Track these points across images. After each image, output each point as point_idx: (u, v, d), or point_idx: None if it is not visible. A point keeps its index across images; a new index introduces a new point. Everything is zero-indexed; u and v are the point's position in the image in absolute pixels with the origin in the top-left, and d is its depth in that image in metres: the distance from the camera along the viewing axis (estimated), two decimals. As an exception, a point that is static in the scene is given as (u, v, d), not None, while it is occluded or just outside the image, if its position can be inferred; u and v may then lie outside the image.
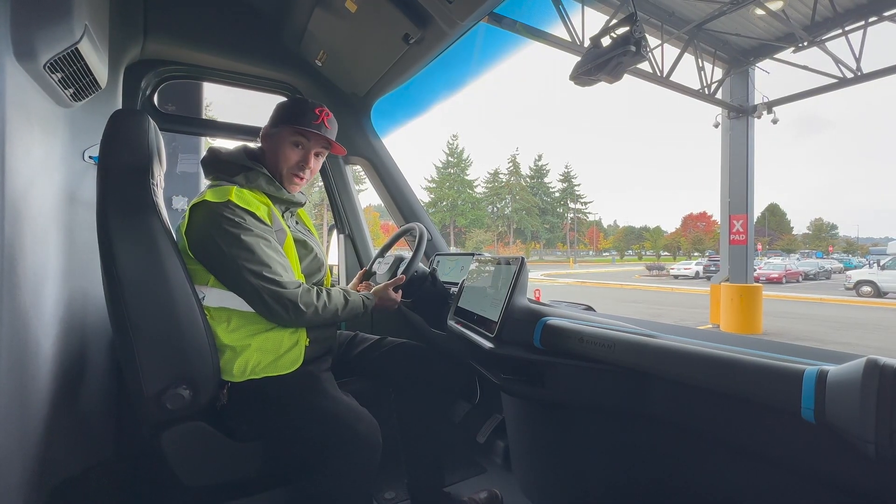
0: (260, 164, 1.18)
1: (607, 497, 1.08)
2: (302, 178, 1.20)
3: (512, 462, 1.47)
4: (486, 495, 1.40)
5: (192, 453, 1.03)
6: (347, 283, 2.06)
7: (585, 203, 57.70)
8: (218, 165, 1.16)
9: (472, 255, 1.51)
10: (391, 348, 1.38)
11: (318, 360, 1.19)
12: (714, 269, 21.45)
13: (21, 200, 0.93)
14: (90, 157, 1.32)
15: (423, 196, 48.04)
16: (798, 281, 23.78)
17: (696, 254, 49.17)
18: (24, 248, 0.94)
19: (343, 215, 1.98)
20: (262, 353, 1.09)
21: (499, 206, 53.54)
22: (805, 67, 7.12)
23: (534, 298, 1.25)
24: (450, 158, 49.06)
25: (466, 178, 49.72)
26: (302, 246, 1.21)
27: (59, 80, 1.04)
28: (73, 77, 1.08)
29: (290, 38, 1.66)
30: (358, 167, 2.07)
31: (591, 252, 65.20)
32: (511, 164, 53.72)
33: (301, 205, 1.27)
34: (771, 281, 21.54)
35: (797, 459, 0.64)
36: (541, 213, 54.23)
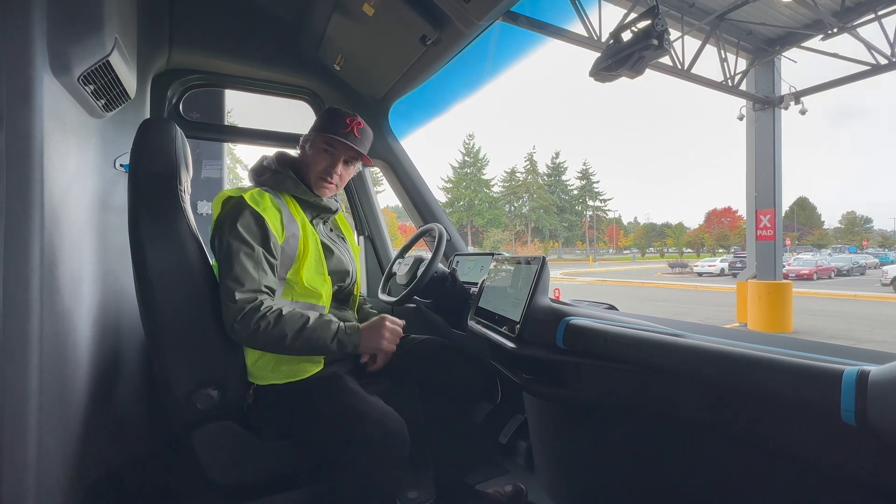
0: (289, 168, 1.23)
1: (633, 500, 1.06)
2: (330, 183, 1.23)
3: (535, 463, 1.46)
4: (511, 489, 1.40)
5: (221, 452, 1.05)
6: (367, 285, 2.08)
7: (605, 200, 56.85)
8: (257, 170, 1.25)
9: (492, 254, 1.50)
10: (414, 345, 1.39)
11: (340, 362, 1.21)
12: (740, 265, 20.82)
13: (58, 208, 0.97)
14: (121, 165, 1.37)
15: (439, 196, 48.11)
16: (830, 277, 22.88)
17: (720, 250, 47.84)
18: (62, 254, 0.98)
19: (362, 217, 2.00)
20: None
21: (516, 204, 53.22)
22: (835, 55, 6.85)
23: (553, 297, 1.24)
24: (466, 158, 48.99)
25: (483, 177, 49.56)
26: (327, 251, 1.24)
27: (91, 92, 1.09)
28: (104, 88, 1.12)
29: (309, 43, 1.69)
30: (375, 169, 2.09)
31: (610, 250, 64.14)
32: (528, 163, 53.35)
33: (332, 211, 1.29)
34: (801, 277, 20.80)
35: (835, 463, 0.61)
36: (559, 211, 53.64)
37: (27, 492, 0.86)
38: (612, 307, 1.34)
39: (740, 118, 8.29)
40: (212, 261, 1.19)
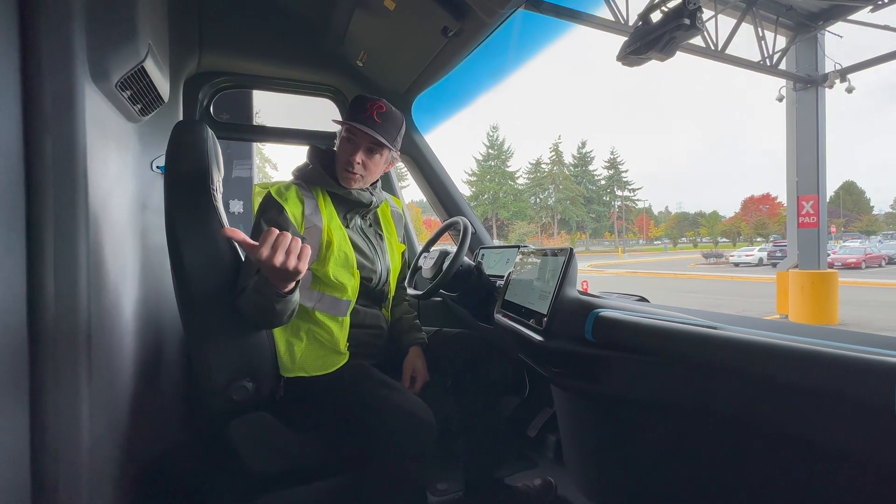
0: (318, 162, 1.24)
1: (668, 496, 1.04)
2: (353, 173, 1.19)
3: (564, 456, 1.45)
4: (541, 483, 1.40)
5: (256, 441, 1.09)
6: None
7: (634, 190, 55.31)
8: (299, 166, 1.28)
9: (518, 247, 1.49)
10: (448, 339, 1.40)
11: (366, 354, 1.23)
12: (780, 254, 19.85)
13: (101, 210, 1.02)
14: (157, 167, 1.43)
15: (464, 190, 48.06)
16: (881, 265, 21.52)
17: (758, 239, 45.77)
18: (106, 254, 1.03)
19: (388, 212, 2.02)
20: (311, 346, 1.15)
21: (542, 196, 52.49)
22: (886, 27, 6.38)
23: (581, 290, 1.21)
24: (490, 150, 48.62)
25: (507, 169, 49.10)
26: (355, 247, 1.24)
27: (128, 98, 1.13)
28: (140, 94, 1.17)
29: (332, 41, 1.71)
30: (401, 164, 2.10)
31: (641, 241, 62.44)
32: (553, 153, 52.44)
33: (365, 205, 1.27)
34: (848, 266, 19.64)
35: (889, 461, 0.58)
36: (586, 202, 52.60)
37: (82, 475, 0.91)
38: (642, 299, 1.31)
39: (779, 99, 7.86)
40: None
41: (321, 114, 2.03)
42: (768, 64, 7.01)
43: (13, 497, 0.83)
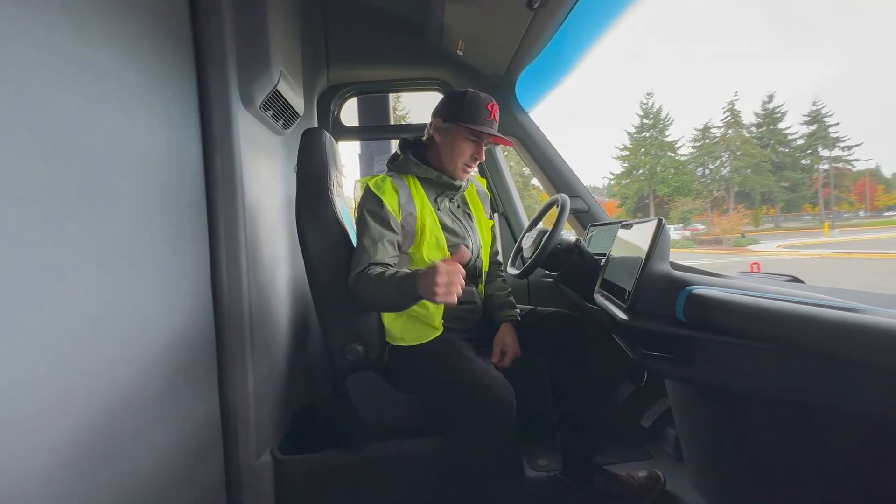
0: (409, 151, 1.36)
1: None
2: (472, 168, 1.34)
3: (683, 452, 1.31)
4: (646, 475, 1.30)
5: (367, 397, 1.29)
6: (506, 261, 2.13)
7: (848, 148, 42.91)
8: (391, 157, 1.43)
9: (620, 223, 1.38)
10: (544, 317, 1.40)
11: (457, 330, 1.32)
12: None
13: (256, 208, 1.31)
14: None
15: (614, 166, 44.26)
16: None
17: None
18: (260, 242, 1.33)
19: (496, 194, 2.06)
20: (409, 321, 1.28)
21: (712, 166, 44.83)
22: None
23: (749, 272, 1.08)
24: (644, 121, 43.48)
25: (666, 139, 43.30)
26: (445, 228, 1.34)
27: (271, 116, 1.42)
28: (279, 111, 1.45)
29: (433, 36, 1.82)
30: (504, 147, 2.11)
31: (860, 213, 48.34)
32: (727, 114, 44.15)
33: (454, 188, 1.36)
34: None
35: None
36: (775, 168, 42.91)
37: (250, 416, 1.22)
38: (795, 279, 1.09)
39: None
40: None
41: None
42: None
43: (210, 428, 1.16)
